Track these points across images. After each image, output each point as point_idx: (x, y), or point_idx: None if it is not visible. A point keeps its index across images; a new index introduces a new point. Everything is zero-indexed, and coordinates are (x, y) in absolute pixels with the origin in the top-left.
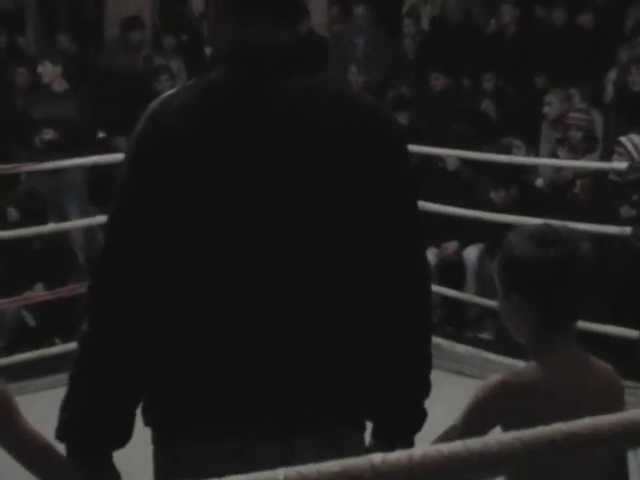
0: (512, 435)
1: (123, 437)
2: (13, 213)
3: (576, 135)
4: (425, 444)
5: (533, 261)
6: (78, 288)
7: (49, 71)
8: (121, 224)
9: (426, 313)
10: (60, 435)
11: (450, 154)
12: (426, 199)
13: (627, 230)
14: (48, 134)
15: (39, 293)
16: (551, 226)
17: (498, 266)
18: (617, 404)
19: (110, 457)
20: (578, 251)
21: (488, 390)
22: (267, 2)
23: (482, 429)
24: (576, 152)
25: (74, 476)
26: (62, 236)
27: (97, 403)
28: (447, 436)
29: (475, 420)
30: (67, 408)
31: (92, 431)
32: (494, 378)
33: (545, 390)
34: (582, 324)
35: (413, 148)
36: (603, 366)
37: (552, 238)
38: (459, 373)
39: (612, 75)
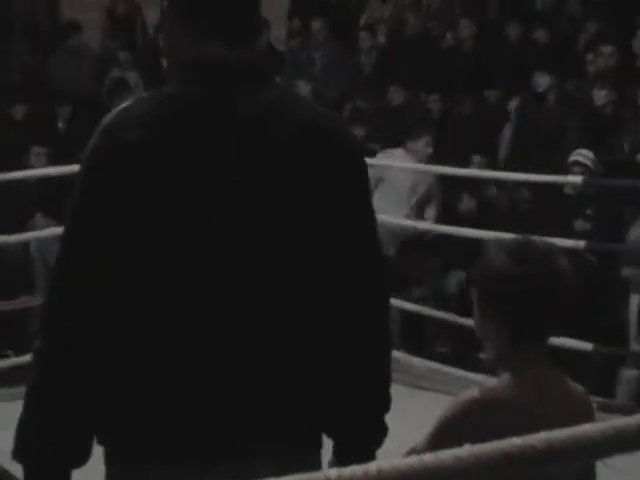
0: (467, 450)
1: (81, 456)
2: None
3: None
4: (384, 459)
5: (507, 275)
6: (31, 301)
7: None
8: (75, 239)
9: (384, 328)
10: (17, 456)
11: (407, 167)
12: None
13: (581, 244)
14: None
15: None
16: (529, 240)
17: (474, 280)
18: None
19: (69, 477)
20: (554, 267)
21: (458, 408)
22: (220, 18)
23: (451, 446)
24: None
25: None
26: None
27: (53, 423)
28: (413, 451)
29: (444, 437)
30: (23, 428)
31: (49, 451)
32: (466, 394)
33: (518, 407)
34: None
35: (369, 161)
36: (575, 387)
37: (530, 253)
38: (417, 387)
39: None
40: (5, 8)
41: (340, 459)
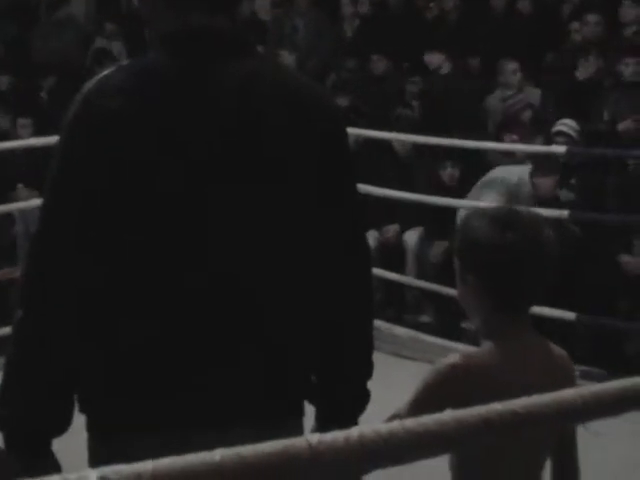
0: (450, 415)
1: (62, 424)
2: None
3: (526, 115)
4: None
5: (490, 244)
6: (14, 272)
7: None
8: (54, 209)
9: (367, 296)
10: None
11: (391, 137)
12: (366, 181)
13: (565, 213)
14: None
15: None
16: (513, 209)
17: (456, 248)
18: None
19: (49, 445)
20: (538, 236)
21: (439, 373)
22: None
23: (431, 412)
24: (529, 134)
25: (11, 468)
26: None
27: (33, 390)
28: (394, 417)
29: (425, 403)
30: (3, 396)
31: (30, 418)
32: (446, 360)
33: (498, 374)
34: None
35: (353, 131)
36: (558, 351)
37: (512, 222)
38: (398, 355)
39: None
40: None
41: (322, 425)
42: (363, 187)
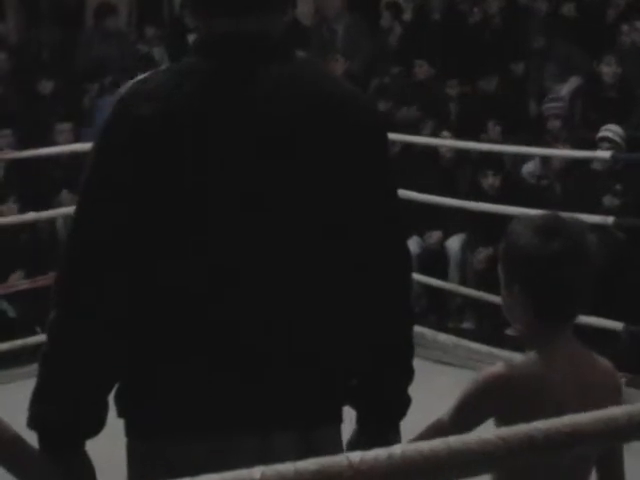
0: (493, 433)
1: (95, 425)
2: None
3: (555, 124)
4: (408, 432)
5: (535, 253)
6: None
7: None
8: (88, 211)
9: (407, 302)
10: (31, 423)
11: (433, 143)
12: (408, 187)
13: (609, 220)
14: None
15: (19, 282)
16: (557, 217)
17: (501, 256)
18: (615, 401)
19: (82, 446)
20: (583, 244)
21: (483, 382)
22: None
23: (475, 421)
24: (557, 141)
25: (44, 467)
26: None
27: (67, 390)
28: (435, 427)
29: (468, 411)
30: (38, 396)
31: (63, 418)
32: (489, 370)
33: (542, 385)
34: None
35: (394, 136)
36: (602, 362)
37: (557, 229)
38: (441, 362)
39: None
40: None
41: (363, 430)
42: (405, 193)
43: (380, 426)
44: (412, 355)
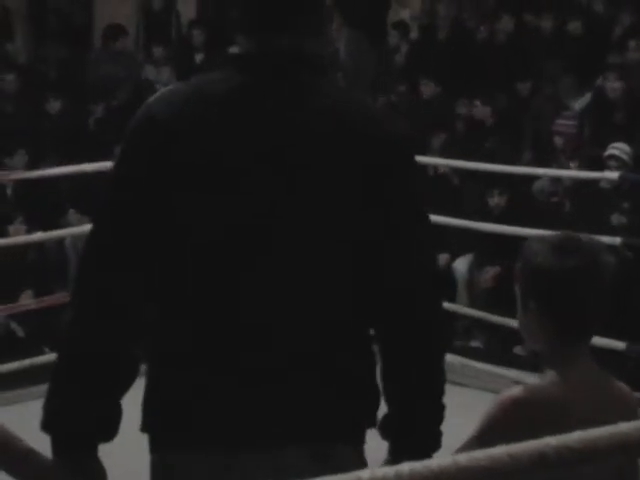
0: (502, 449)
1: (109, 429)
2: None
3: (559, 142)
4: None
5: (552, 271)
6: (66, 297)
7: None
8: (107, 216)
9: (439, 330)
10: (44, 426)
11: (438, 163)
12: None
13: (617, 240)
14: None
15: (27, 302)
16: (573, 235)
17: (517, 275)
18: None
19: (95, 451)
20: (599, 262)
21: (502, 407)
22: (289, 10)
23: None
24: (562, 159)
25: (57, 476)
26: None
27: (81, 392)
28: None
29: (489, 437)
30: (52, 398)
31: (77, 421)
32: (509, 394)
33: (562, 407)
34: None
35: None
36: (620, 385)
37: (573, 248)
38: (449, 382)
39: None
40: (39, 1)
41: (395, 462)
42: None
43: (413, 459)
44: (443, 387)
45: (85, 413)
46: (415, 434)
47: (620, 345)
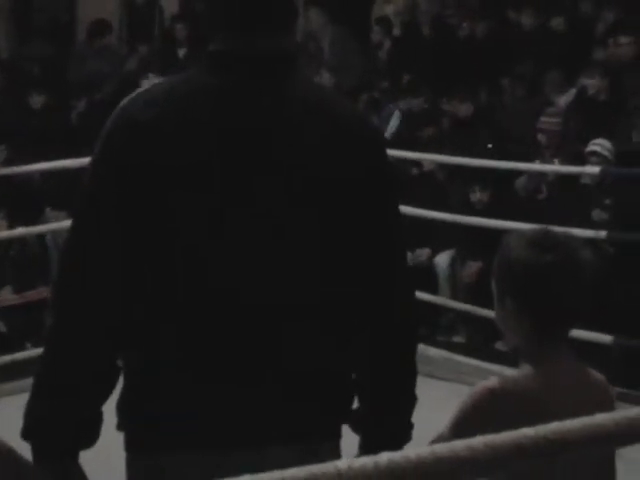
0: (480, 440)
1: (90, 436)
2: None
3: (542, 139)
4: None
5: (529, 266)
6: (47, 292)
7: None
8: (86, 217)
9: (410, 324)
10: (25, 433)
11: (424, 158)
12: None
13: (602, 234)
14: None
15: (8, 297)
16: (550, 231)
17: (494, 270)
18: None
19: (76, 457)
20: (577, 258)
21: (477, 398)
22: (267, 9)
23: (472, 436)
24: (545, 155)
25: (38, 479)
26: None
27: (63, 400)
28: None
29: (465, 427)
30: (33, 406)
31: (58, 429)
32: (484, 385)
33: (536, 399)
34: None
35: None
36: (596, 376)
37: (550, 244)
38: (431, 376)
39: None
40: None
41: (366, 454)
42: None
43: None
44: (415, 381)
45: (66, 422)
46: (386, 427)
47: (607, 339)
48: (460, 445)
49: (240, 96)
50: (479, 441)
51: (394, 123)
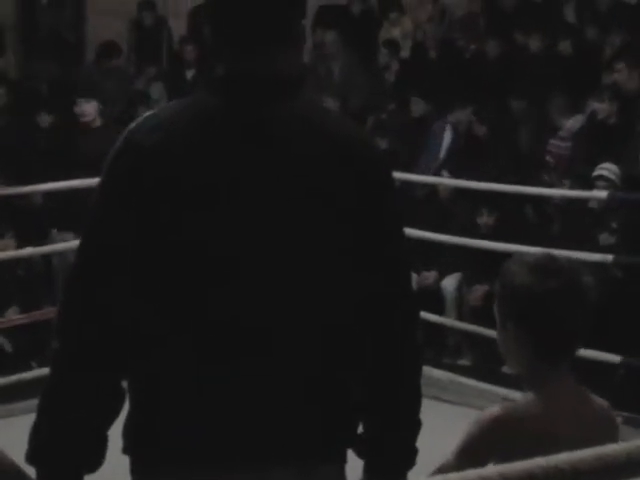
0: (493, 469)
1: (95, 460)
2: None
3: (550, 161)
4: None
5: (532, 292)
6: (53, 312)
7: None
8: (91, 240)
9: (414, 347)
10: (30, 458)
11: (434, 182)
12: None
13: (609, 258)
14: None
15: (14, 317)
16: (552, 256)
17: (496, 295)
18: (613, 440)
19: None
20: (578, 283)
21: (482, 425)
22: (273, 32)
23: (477, 465)
24: (552, 178)
25: None
26: (45, 261)
27: (68, 424)
28: (441, 471)
29: (469, 456)
30: (37, 430)
31: (63, 453)
32: (488, 412)
33: (539, 425)
34: None
35: (396, 175)
36: (599, 402)
37: (552, 269)
38: (437, 399)
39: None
40: (30, 17)
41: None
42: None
43: (387, 477)
44: (419, 405)
45: (71, 446)
46: (390, 452)
47: (614, 358)
48: (472, 475)
49: (244, 119)
50: (492, 470)
51: (447, 138)
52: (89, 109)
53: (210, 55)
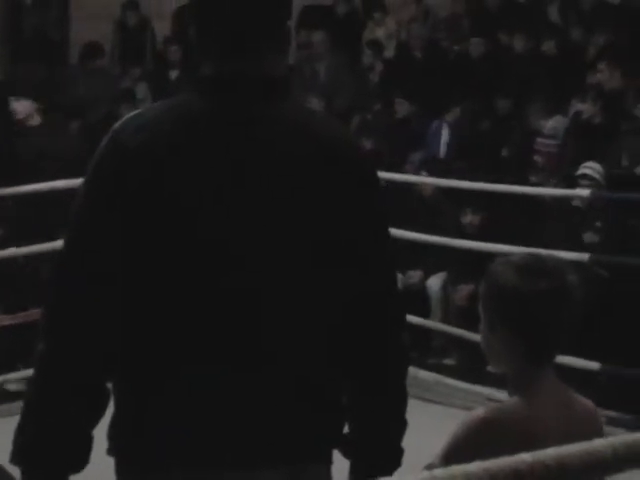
0: (478, 465)
1: (80, 461)
2: None
3: (538, 160)
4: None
5: (520, 293)
6: (39, 313)
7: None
8: (77, 242)
9: (399, 347)
10: (15, 458)
11: (421, 181)
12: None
13: (585, 256)
14: None
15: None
16: (538, 257)
17: (482, 296)
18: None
19: None
20: (565, 283)
21: (468, 427)
22: (257, 34)
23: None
24: (539, 178)
25: None
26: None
27: (52, 424)
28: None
29: (456, 457)
30: (22, 431)
31: (48, 454)
32: (475, 414)
33: (525, 427)
34: None
35: (381, 175)
36: (584, 402)
37: (539, 269)
38: (422, 399)
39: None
40: (15, 19)
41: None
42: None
43: (373, 478)
44: (405, 406)
45: (56, 447)
46: (376, 452)
47: (593, 365)
48: (458, 470)
49: (229, 121)
50: (477, 466)
51: (445, 137)
52: (19, 107)
53: (196, 55)
